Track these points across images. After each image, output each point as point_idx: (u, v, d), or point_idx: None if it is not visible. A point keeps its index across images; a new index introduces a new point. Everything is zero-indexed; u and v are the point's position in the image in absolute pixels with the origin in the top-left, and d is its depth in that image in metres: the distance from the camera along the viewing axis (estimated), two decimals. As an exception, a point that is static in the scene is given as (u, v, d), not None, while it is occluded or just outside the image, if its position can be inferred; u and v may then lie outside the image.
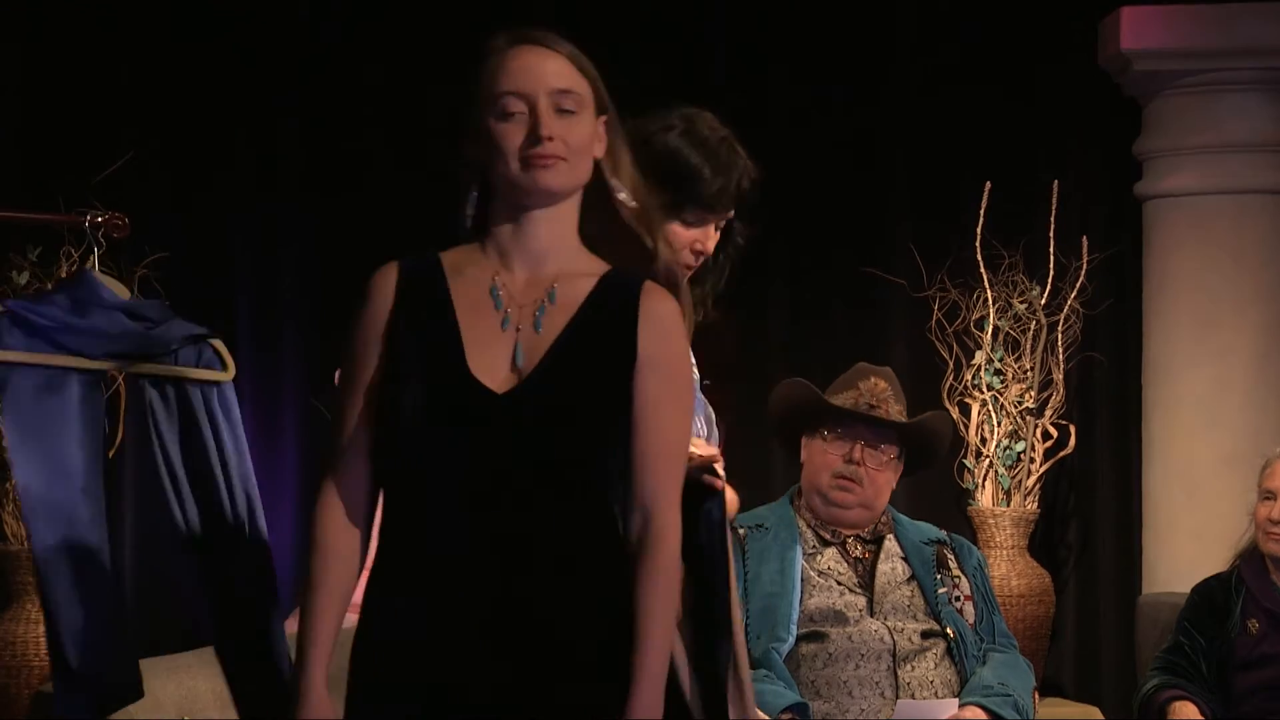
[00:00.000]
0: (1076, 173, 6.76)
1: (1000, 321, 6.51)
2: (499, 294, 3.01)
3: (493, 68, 3.04)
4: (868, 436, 4.90)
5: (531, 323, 3.00)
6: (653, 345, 3.02)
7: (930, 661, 4.80)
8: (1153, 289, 6.67)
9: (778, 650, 4.71)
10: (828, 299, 6.73)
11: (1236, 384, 6.52)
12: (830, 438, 4.91)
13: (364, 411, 3.00)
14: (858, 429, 4.90)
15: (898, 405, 4.95)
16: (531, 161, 3.00)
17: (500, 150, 3.00)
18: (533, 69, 3.04)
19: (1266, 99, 6.56)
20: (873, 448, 4.90)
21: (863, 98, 6.77)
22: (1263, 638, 5.47)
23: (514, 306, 3.00)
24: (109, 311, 3.81)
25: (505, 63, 3.04)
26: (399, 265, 3.04)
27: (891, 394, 4.95)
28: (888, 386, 4.95)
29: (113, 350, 3.81)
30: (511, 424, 2.95)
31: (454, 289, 3.01)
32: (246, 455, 3.87)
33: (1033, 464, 6.50)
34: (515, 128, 3.01)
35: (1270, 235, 6.56)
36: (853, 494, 4.88)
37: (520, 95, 3.02)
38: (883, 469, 4.91)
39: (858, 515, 4.91)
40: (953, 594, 4.90)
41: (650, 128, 3.74)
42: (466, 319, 2.99)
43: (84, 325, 3.79)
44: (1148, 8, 6.50)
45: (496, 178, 3.03)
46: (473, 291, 3.01)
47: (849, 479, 4.87)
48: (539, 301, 3.01)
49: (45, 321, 3.77)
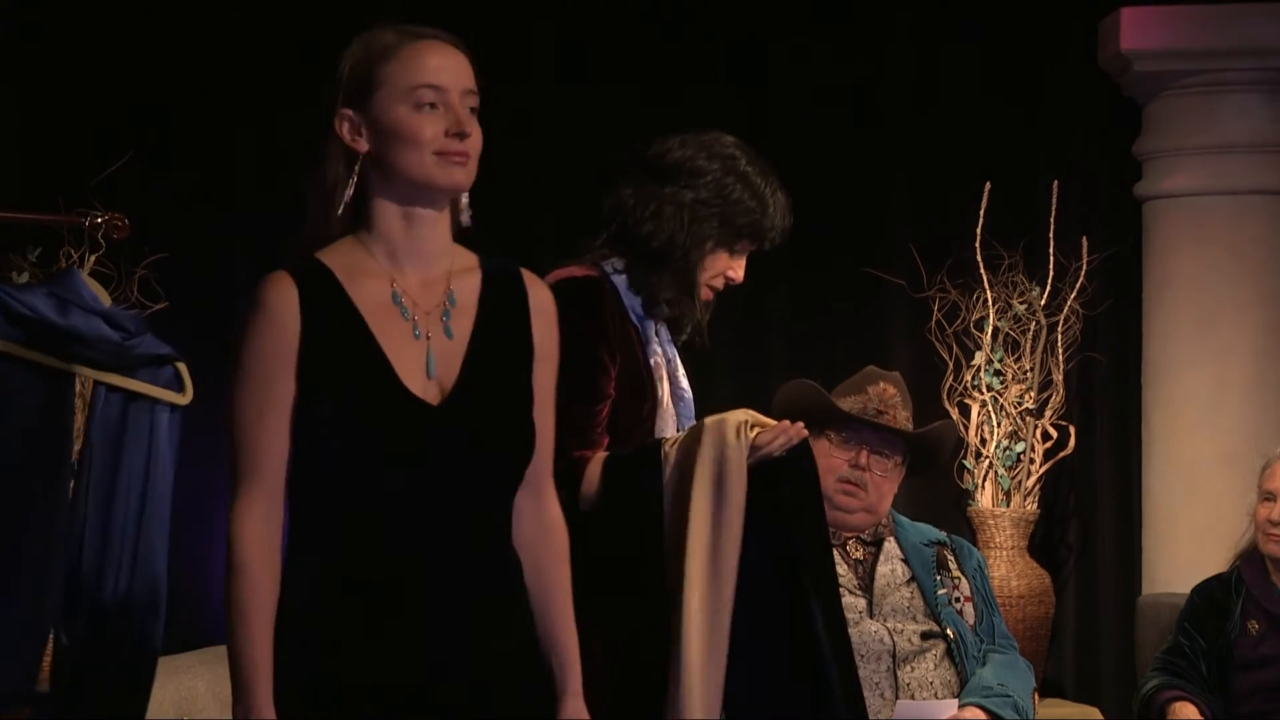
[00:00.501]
0: (1076, 173, 6.76)
1: (1000, 322, 6.51)
2: (402, 301, 2.96)
3: (405, 58, 2.96)
4: (874, 443, 4.88)
5: (441, 329, 2.98)
6: (543, 336, 3.07)
7: (930, 662, 4.80)
8: (1153, 289, 6.67)
9: (777, 651, 4.71)
10: (828, 299, 6.73)
11: (1236, 384, 6.52)
12: (836, 441, 4.88)
13: (277, 429, 2.92)
14: (864, 434, 4.88)
15: (905, 412, 4.93)
16: (448, 157, 2.95)
17: (412, 142, 2.93)
18: (449, 66, 2.98)
19: (1266, 99, 6.56)
20: (879, 454, 4.87)
21: (863, 98, 6.76)
22: (1262, 638, 5.46)
23: (419, 314, 2.96)
24: (89, 316, 3.80)
25: (420, 56, 2.97)
26: (291, 276, 2.94)
27: (900, 400, 4.92)
28: (897, 393, 4.93)
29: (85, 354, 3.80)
30: (452, 433, 2.93)
31: (355, 298, 2.94)
32: (170, 483, 3.87)
33: (1032, 464, 6.49)
34: (431, 120, 2.94)
35: (1270, 235, 6.56)
36: (857, 499, 4.86)
37: (436, 89, 2.95)
38: (888, 475, 4.89)
39: (860, 520, 4.89)
40: (953, 595, 4.90)
41: (693, 157, 3.83)
42: (379, 329, 2.94)
43: (63, 324, 3.78)
44: (1148, 8, 6.50)
45: (391, 172, 2.95)
46: (374, 299, 2.95)
47: (854, 484, 4.85)
48: (441, 306, 2.98)
49: (27, 312, 3.76)
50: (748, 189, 3.89)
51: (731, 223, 3.88)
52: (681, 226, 3.83)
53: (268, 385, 2.91)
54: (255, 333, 2.92)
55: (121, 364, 3.83)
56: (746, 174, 3.90)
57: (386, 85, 2.96)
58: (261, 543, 2.93)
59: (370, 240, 2.99)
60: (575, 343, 3.56)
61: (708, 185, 3.86)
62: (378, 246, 2.98)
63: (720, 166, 3.88)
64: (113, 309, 3.90)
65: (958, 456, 6.43)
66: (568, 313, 3.39)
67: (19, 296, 3.77)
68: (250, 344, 2.92)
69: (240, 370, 2.92)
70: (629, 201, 3.87)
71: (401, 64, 2.97)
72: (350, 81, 2.98)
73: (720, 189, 3.86)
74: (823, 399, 4.90)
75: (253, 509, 2.94)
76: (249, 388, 2.92)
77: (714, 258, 3.88)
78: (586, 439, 3.72)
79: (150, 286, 5.91)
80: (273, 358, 2.91)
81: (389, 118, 2.95)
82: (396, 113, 2.95)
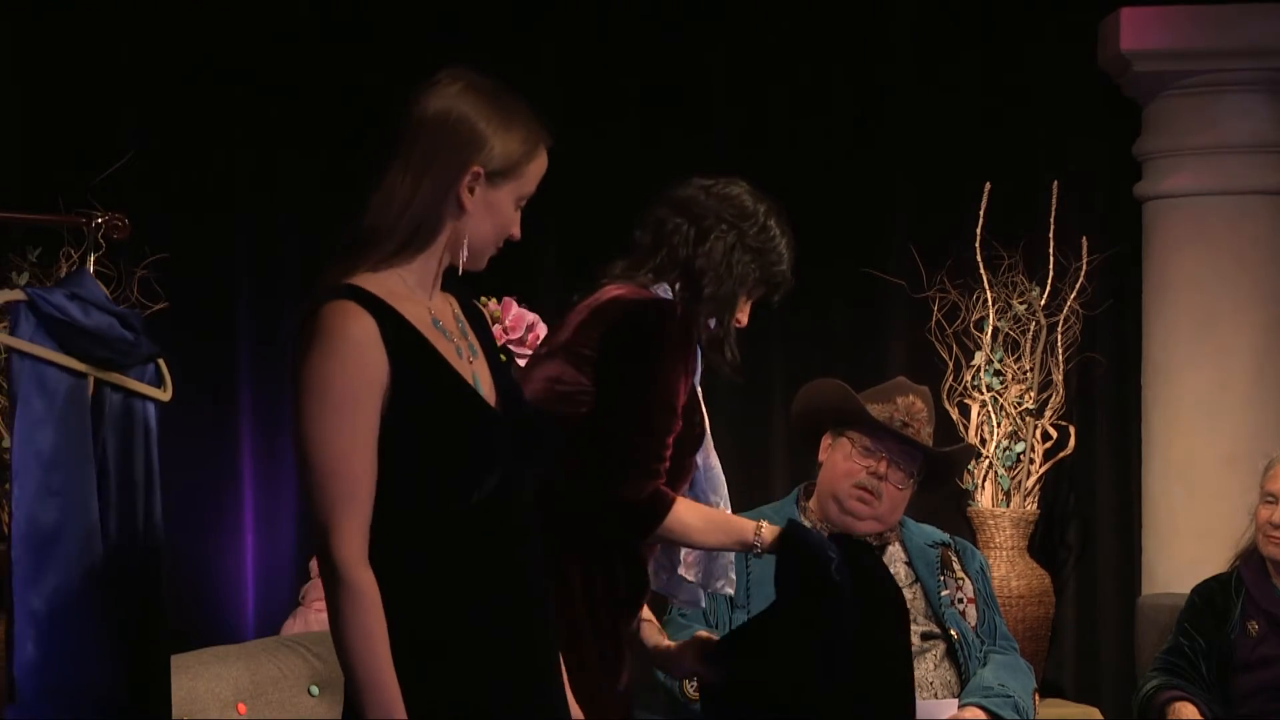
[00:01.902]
0: (1076, 173, 6.76)
1: (1000, 322, 6.51)
2: (441, 326, 3.13)
3: (535, 165, 3.15)
4: (895, 453, 4.85)
5: (469, 349, 3.16)
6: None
7: (930, 663, 4.80)
8: (1153, 289, 6.67)
9: (778, 651, 4.71)
10: (828, 299, 6.73)
11: (1236, 384, 6.52)
12: (859, 446, 4.85)
13: (370, 455, 3.00)
14: (888, 444, 4.85)
15: (929, 429, 4.91)
16: (497, 250, 3.18)
17: (501, 233, 3.15)
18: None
19: (1266, 99, 6.56)
20: (898, 467, 4.85)
21: (863, 98, 6.77)
22: (1262, 639, 5.46)
23: (454, 336, 3.14)
24: (105, 315, 3.82)
25: (541, 166, 3.17)
26: (364, 309, 3.05)
27: (925, 416, 4.90)
28: (924, 408, 4.91)
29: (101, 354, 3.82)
30: (518, 439, 3.13)
31: (416, 326, 3.10)
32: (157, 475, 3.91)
33: (1032, 465, 6.49)
34: (517, 219, 3.16)
35: (1270, 235, 6.56)
36: (870, 508, 4.83)
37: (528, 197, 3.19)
38: (903, 488, 4.87)
39: (868, 527, 4.87)
40: (955, 596, 4.90)
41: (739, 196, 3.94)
42: (445, 353, 3.11)
43: (89, 325, 3.80)
44: (1148, 8, 6.50)
45: (460, 235, 3.12)
46: (423, 324, 3.10)
47: (869, 492, 4.83)
48: (457, 329, 3.17)
49: (55, 313, 3.78)
50: (784, 238, 3.98)
51: (766, 269, 3.95)
52: (729, 267, 3.87)
53: (361, 415, 3.00)
54: (340, 362, 3.01)
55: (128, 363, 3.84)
56: (779, 224, 3.98)
57: (519, 181, 3.14)
58: (368, 567, 3.01)
59: (405, 270, 3.12)
60: (667, 365, 3.70)
61: (753, 228, 3.91)
62: (410, 276, 3.12)
63: (764, 211, 3.93)
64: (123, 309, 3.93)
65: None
66: (662, 332, 3.62)
67: (48, 298, 3.79)
68: (336, 375, 3.01)
69: (328, 401, 3.00)
70: (684, 230, 3.89)
71: (534, 171, 3.16)
72: (499, 158, 3.11)
73: (763, 234, 3.92)
74: (853, 402, 4.87)
75: (357, 535, 3.00)
76: (340, 418, 2.99)
77: (742, 299, 3.94)
78: (661, 466, 3.77)
79: (150, 286, 5.91)
80: (362, 386, 3.01)
81: (503, 206, 3.14)
82: (508, 204, 3.15)
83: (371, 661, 2.97)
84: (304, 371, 3.01)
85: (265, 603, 6.43)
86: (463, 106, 3.09)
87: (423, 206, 3.08)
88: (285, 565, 6.46)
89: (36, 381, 3.77)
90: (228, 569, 6.43)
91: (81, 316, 3.80)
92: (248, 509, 6.46)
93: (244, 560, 6.44)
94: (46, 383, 3.78)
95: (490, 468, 3.06)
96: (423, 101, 3.11)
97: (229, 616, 6.39)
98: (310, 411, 2.99)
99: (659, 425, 3.72)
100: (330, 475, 2.98)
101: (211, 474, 6.40)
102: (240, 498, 6.45)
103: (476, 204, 3.10)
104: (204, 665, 4.58)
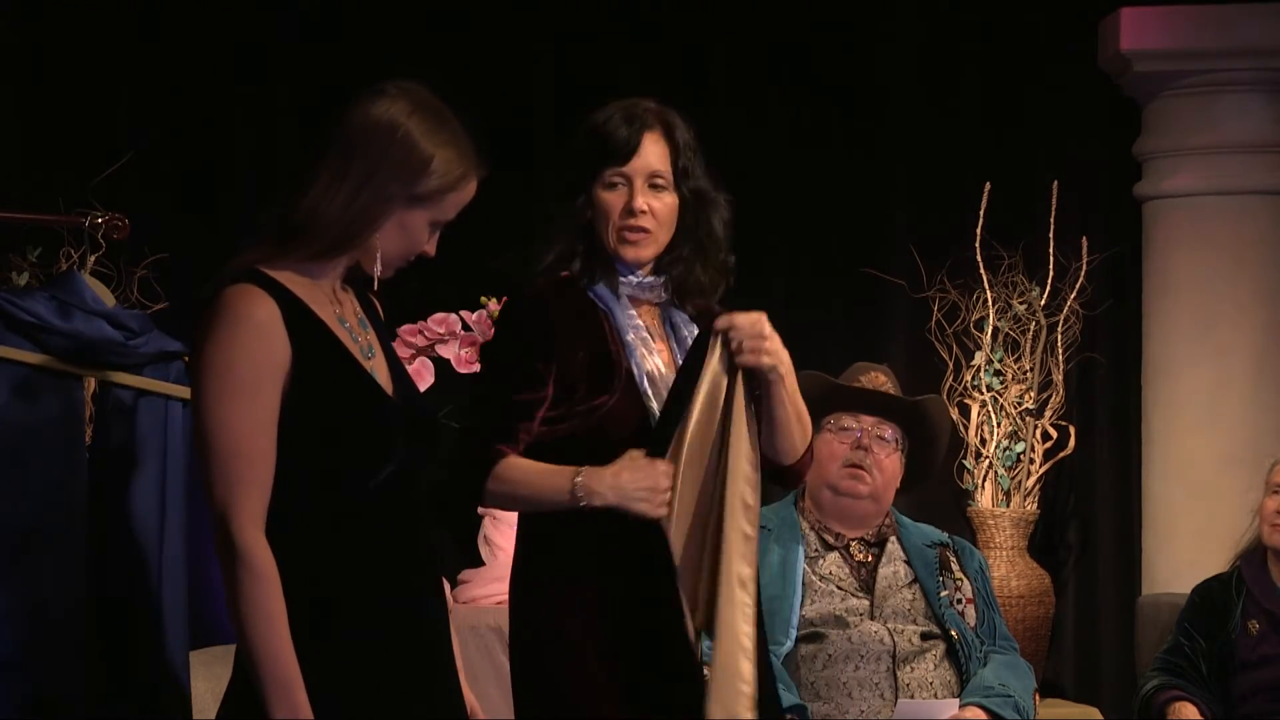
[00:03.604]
0: (1076, 173, 6.76)
1: (1000, 322, 6.51)
2: (342, 319, 3.16)
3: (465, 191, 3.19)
4: (873, 423, 4.94)
5: (367, 344, 3.19)
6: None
7: (930, 663, 4.80)
8: (1153, 289, 6.67)
9: (775, 653, 4.71)
10: (828, 299, 6.73)
11: (1236, 384, 6.52)
12: (836, 429, 4.93)
13: (270, 437, 3.03)
14: (862, 419, 4.93)
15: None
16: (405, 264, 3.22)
17: (415, 252, 3.18)
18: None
19: (1266, 99, 6.56)
20: (879, 435, 4.93)
21: (863, 98, 6.76)
22: (1263, 639, 5.46)
23: (355, 331, 3.18)
24: (90, 317, 3.80)
25: (466, 196, 3.20)
26: (267, 294, 3.07)
27: (891, 388, 5.04)
28: (887, 380, 5.05)
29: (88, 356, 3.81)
30: (412, 434, 3.18)
31: (320, 316, 3.13)
32: (181, 476, 3.89)
33: (1032, 465, 6.49)
34: (433, 240, 3.20)
35: (1270, 235, 6.56)
36: (864, 483, 4.89)
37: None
38: (890, 456, 4.92)
39: (867, 509, 4.90)
40: (954, 596, 4.90)
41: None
42: (346, 344, 3.15)
43: (65, 327, 3.78)
44: (1148, 8, 6.50)
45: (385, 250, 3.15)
46: (325, 315, 3.14)
47: (859, 466, 4.89)
48: (358, 324, 3.20)
49: (28, 318, 3.76)
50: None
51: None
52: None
53: (262, 397, 3.03)
54: (242, 344, 3.04)
55: (128, 363, 3.83)
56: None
57: (437, 208, 3.19)
58: (267, 549, 3.03)
59: (308, 268, 3.15)
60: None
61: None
62: (314, 267, 3.15)
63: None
64: (116, 309, 3.90)
65: (957, 456, 6.43)
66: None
67: (19, 302, 3.77)
68: (238, 356, 3.03)
69: (229, 382, 3.02)
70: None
71: (455, 201, 3.21)
72: (422, 181, 3.16)
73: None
74: (822, 380, 4.98)
75: (255, 516, 3.02)
76: (240, 399, 3.02)
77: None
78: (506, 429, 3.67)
79: (150, 286, 5.91)
80: (264, 369, 3.03)
81: (416, 227, 3.19)
82: (422, 227, 3.19)
83: (272, 640, 3.00)
84: (205, 353, 3.03)
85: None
86: (410, 127, 3.12)
87: (356, 216, 3.11)
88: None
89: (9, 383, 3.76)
90: (228, 569, 6.42)
91: (56, 319, 3.78)
92: (248, 509, 6.45)
93: (244, 560, 6.43)
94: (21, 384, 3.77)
95: (387, 456, 3.09)
96: (368, 110, 3.14)
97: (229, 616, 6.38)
98: (211, 392, 3.01)
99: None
100: (231, 456, 3.00)
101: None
102: (240, 498, 6.44)
103: (393, 222, 3.13)
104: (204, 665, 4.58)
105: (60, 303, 3.80)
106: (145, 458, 3.88)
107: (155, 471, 3.89)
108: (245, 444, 3.00)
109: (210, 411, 3.01)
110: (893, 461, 4.94)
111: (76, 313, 3.80)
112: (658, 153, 3.70)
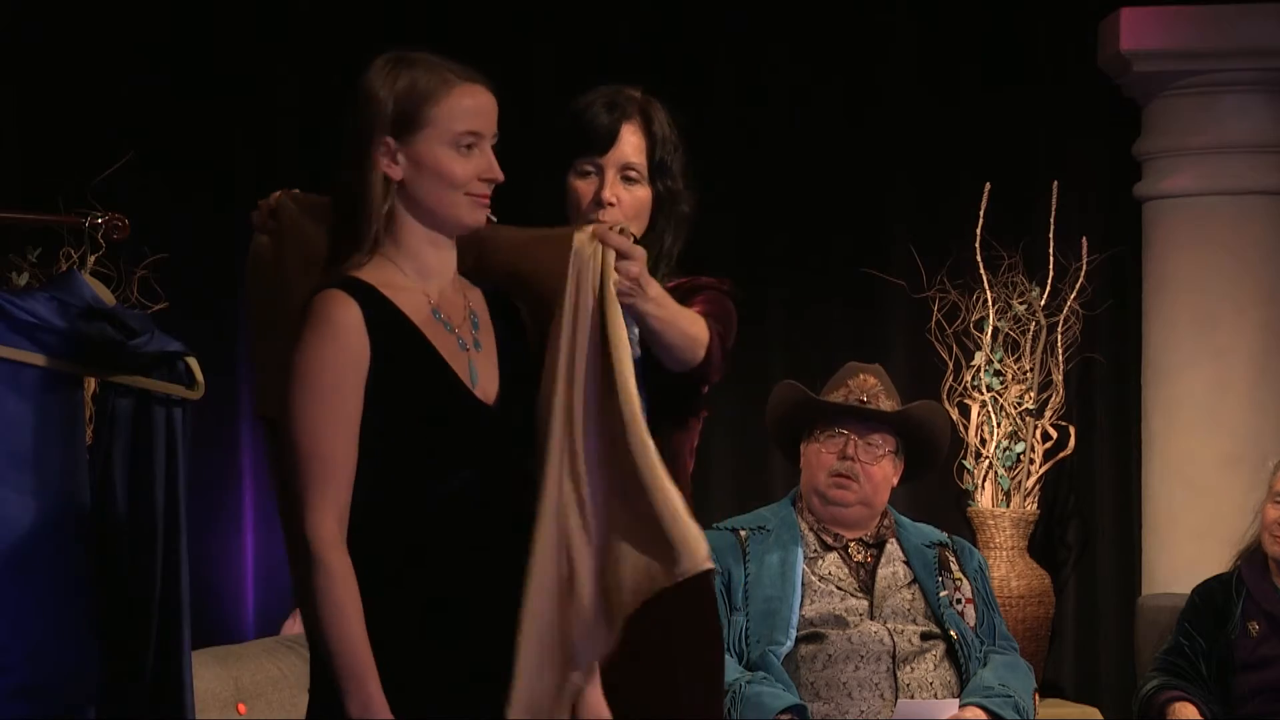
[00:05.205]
0: (1076, 173, 6.76)
1: (1000, 322, 6.51)
2: (442, 316, 3.13)
3: (452, 102, 3.10)
4: (860, 431, 4.91)
5: (473, 341, 3.15)
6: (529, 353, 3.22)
7: (929, 663, 4.80)
8: (1152, 289, 6.67)
9: (775, 653, 4.71)
10: (827, 299, 6.73)
11: (1236, 384, 6.52)
12: (824, 437, 4.92)
13: (349, 439, 3.04)
14: (850, 425, 4.91)
15: (889, 400, 4.96)
16: (477, 199, 3.13)
17: (450, 183, 3.09)
18: (487, 110, 3.15)
19: (1266, 99, 6.56)
20: (866, 442, 4.90)
21: (862, 98, 6.77)
22: (1263, 639, 5.46)
23: (458, 328, 3.13)
24: (91, 317, 3.81)
25: (466, 100, 3.12)
26: (352, 297, 3.06)
27: (882, 389, 4.96)
28: (877, 382, 4.97)
29: (88, 356, 3.80)
30: (505, 435, 3.12)
31: (406, 312, 3.10)
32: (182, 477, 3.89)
33: (1032, 465, 6.49)
34: (468, 163, 3.11)
35: (1270, 235, 6.56)
36: (850, 491, 4.87)
37: (476, 134, 3.12)
38: (878, 463, 4.90)
39: (857, 514, 4.90)
40: (954, 596, 4.90)
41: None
42: (434, 341, 3.10)
43: (65, 328, 3.78)
44: (1147, 8, 6.50)
45: (421, 203, 3.10)
46: (419, 314, 3.11)
47: (845, 476, 4.87)
48: (467, 320, 3.15)
49: (29, 318, 3.76)
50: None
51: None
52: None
53: (341, 398, 3.04)
54: (323, 347, 3.04)
55: (129, 364, 3.83)
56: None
57: (433, 126, 3.09)
58: (344, 548, 3.04)
59: (399, 258, 3.13)
60: None
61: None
62: (407, 264, 3.13)
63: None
64: (116, 309, 3.90)
65: (957, 456, 6.43)
66: None
67: (20, 302, 3.77)
68: (319, 359, 3.04)
69: (309, 384, 3.04)
70: None
71: (448, 108, 3.10)
72: (395, 114, 3.09)
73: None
74: (802, 393, 4.95)
75: (329, 516, 3.04)
76: (320, 400, 3.03)
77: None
78: None
79: (150, 286, 5.91)
80: (344, 370, 3.04)
81: (431, 157, 3.09)
82: (438, 153, 3.10)
83: (346, 635, 3.01)
84: (294, 356, 3.05)
85: (265, 603, 6.43)
86: (364, 84, 3.11)
87: (362, 196, 3.09)
88: (285, 565, 6.44)
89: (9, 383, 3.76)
90: (228, 569, 6.42)
91: (56, 319, 3.78)
92: (248, 509, 6.46)
93: (244, 560, 6.44)
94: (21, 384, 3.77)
95: (464, 462, 3.08)
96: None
97: (229, 616, 6.39)
98: (293, 393, 3.04)
99: None
100: (308, 456, 3.03)
101: (211, 474, 6.39)
102: (240, 498, 6.45)
103: (408, 170, 3.10)
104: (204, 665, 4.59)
105: (60, 303, 3.80)
106: (146, 458, 3.87)
107: (156, 472, 3.89)
108: (324, 445, 3.02)
109: (291, 412, 3.04)
110: (882, 467, 4.92)
111: (76, 313, 3.80)
112: (634, 144, 3.63)
